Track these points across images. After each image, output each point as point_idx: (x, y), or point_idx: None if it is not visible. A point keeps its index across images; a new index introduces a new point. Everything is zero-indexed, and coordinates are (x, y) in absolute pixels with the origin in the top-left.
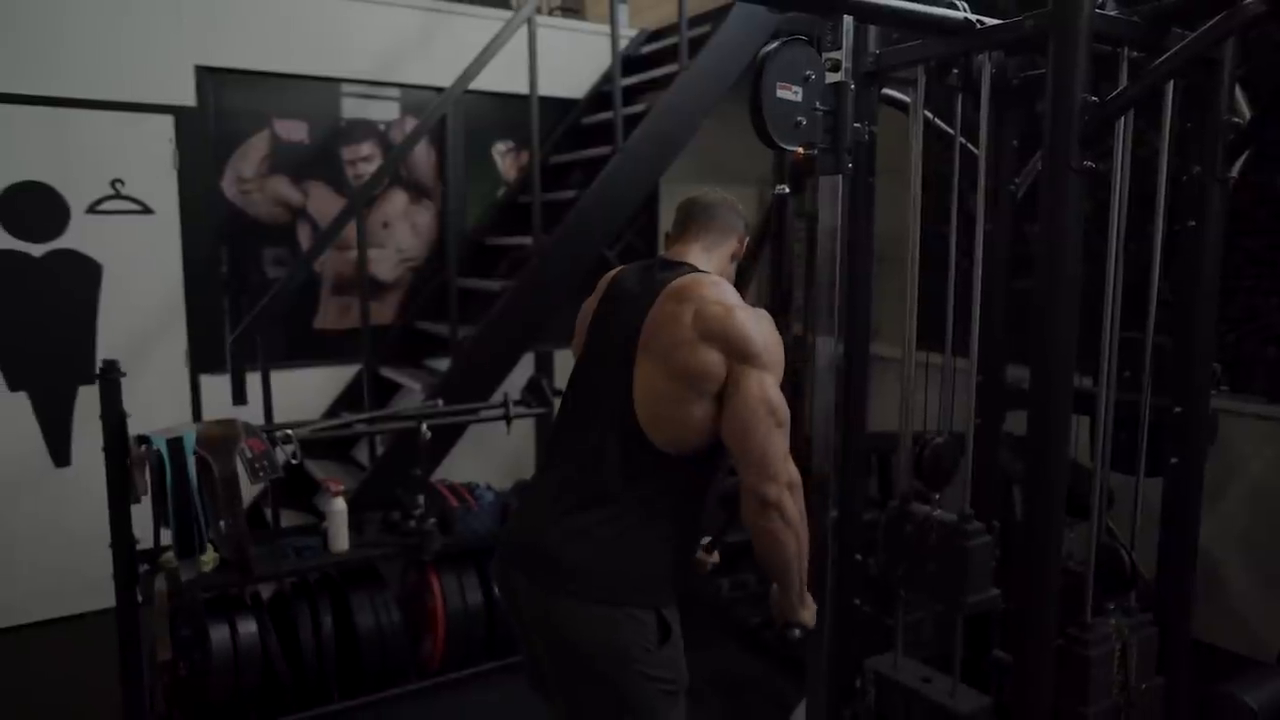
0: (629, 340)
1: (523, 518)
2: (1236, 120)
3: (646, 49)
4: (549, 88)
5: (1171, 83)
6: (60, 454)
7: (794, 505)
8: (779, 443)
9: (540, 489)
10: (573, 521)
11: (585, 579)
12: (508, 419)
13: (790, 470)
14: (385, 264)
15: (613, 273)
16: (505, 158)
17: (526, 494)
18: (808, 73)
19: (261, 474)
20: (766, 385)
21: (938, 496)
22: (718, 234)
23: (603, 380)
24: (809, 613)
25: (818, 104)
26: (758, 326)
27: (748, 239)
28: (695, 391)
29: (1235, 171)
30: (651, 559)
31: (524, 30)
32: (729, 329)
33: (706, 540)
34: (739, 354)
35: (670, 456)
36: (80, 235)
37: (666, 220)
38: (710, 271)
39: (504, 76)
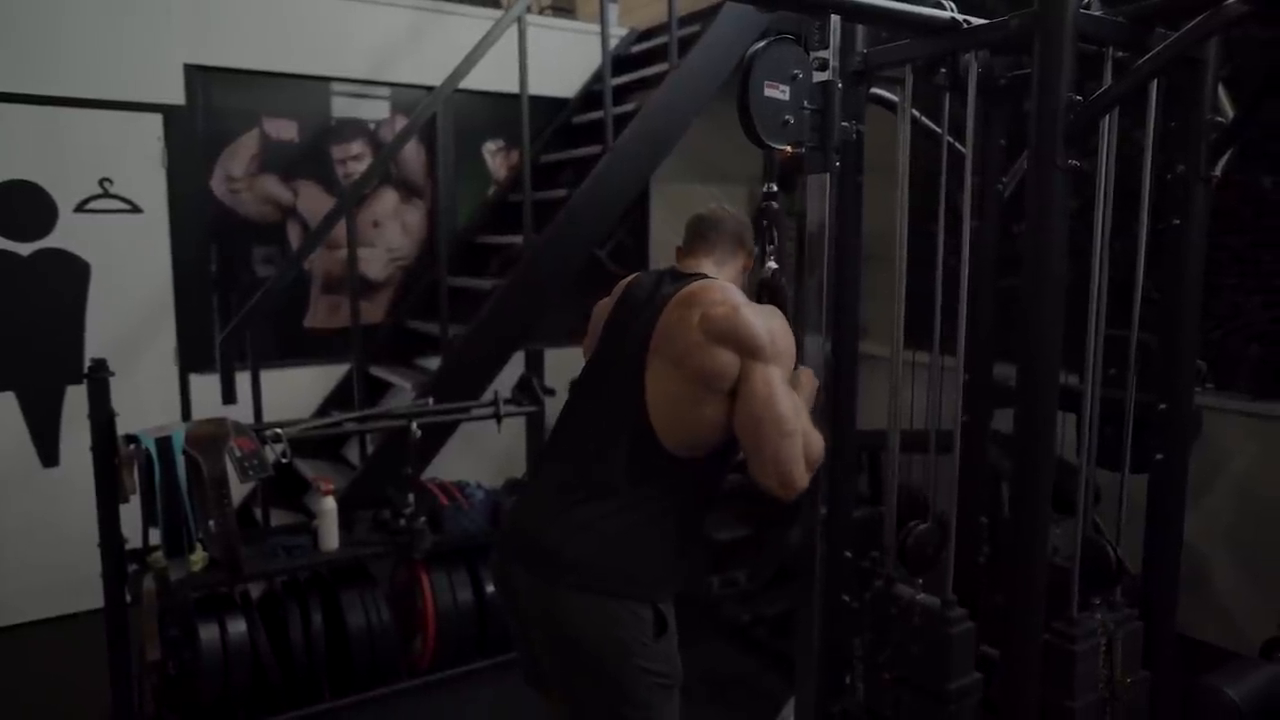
0: (640, 346)
1: (523, 512)
2: (1220, 119)
3: (637, 48)
4: (539, 87)
5: (1155, 82)
6: (48, 454)
7: (808, 478)
8: (789, 450)
9: (541, 484)
10: (575, 516)
11: (585, 572)
12: (498, 417)
13: (813, 452)
14: (375, 263)
15: (629, 279)
16: (496, 157)
17: (526, 489)
18: (795, 71)
19: (251, 473)
20: (772, 378)
21: (920, 581)
22: (727, 249)
23: (613, 383)
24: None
25: (805, 103)
26: (763, 321)
27: (757, 251)
28: (710, 391)
29: (1219, 170)
30: (652, 555)
31: (514, 29)
32: (737, 326)
33: None
34: (747, 349)
35: (679, 459)
36: (68, 234)
37: (657, 219)
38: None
39: (494, 75)
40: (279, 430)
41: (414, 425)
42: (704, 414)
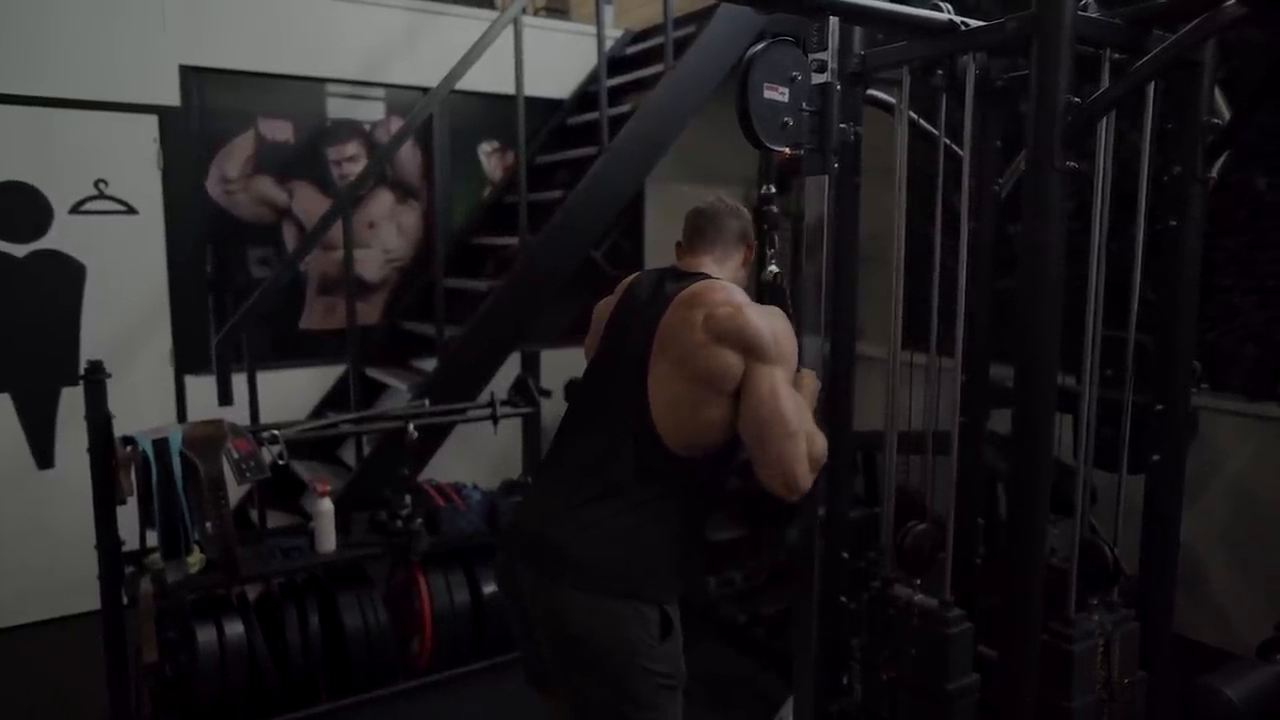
0: (643, 347)
1: (528, 512)
2: (1216, 121)
3: (632, 50)
4: (535, 88)
5: (1153, 84)
6: (44, 456)
7: (812, 478)
8: (793, 450)
9: (546, 485)
10: (581, 516)
11: (592, 572)
12: (495, 419)
13: (818, 450)
14: (371, 264)
15: (630, 278)
16: (491, 158)
17: (530, 489)
18: (794, 73)
19: (248, 475)
20: (776, 381)
21: (919, 582)
22: (727, 244)
23: (616, 384)
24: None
25: (804, 104)
26: (767, 322)
27: (755, 243)
28: (714, 391)
29: (1215, 172)
30: (658, 555)
31: (510, 30)
32: (741, 327)
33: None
34: (751, 351)
35: (683, 459)
36: (63, 236)
37: (653, 220)
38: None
39: (490, 76)
40: (276, 432)
41: (410, 427)
42: (707, 415)
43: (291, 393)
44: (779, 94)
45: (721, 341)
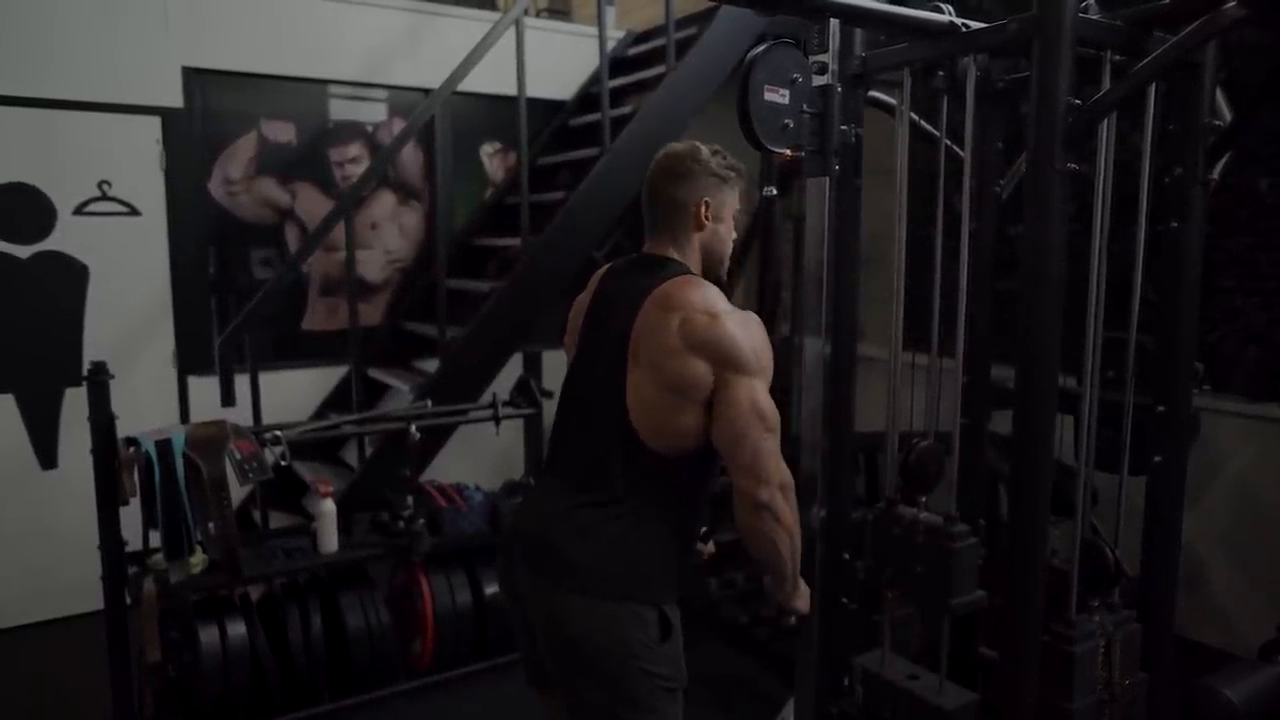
0: (620, 346)
1: (528, 515)
2: (1217, 123)
3: (634, 50)
4: (537, 89)
5: (1154, 85)
6: (47, 456)
7: (786, 506)
8: (769, 447)
9: (545, 487)
10: (578, 519)
11: (590, 574)
12: (496, 419)
13: (782, 471)
14: (373, 265)
15: (602, 270)
16: (493, 159)
17: (531, 492)
18: (794, 75)
19: (251, 475)
20: (755, 392)
21: (924, 499)
22: (676, 218)
23: (598, 384)
24: (803, 600)
25: (804, 106)
26: (745, 333)
27: (723, 194)
28: (687, 399)
29: (1216, 173)
30: (654, 556)
31: (511, 31)
32: (719, 338)
33: (703, 530)
34: (728, 362)
35: (669, 458)
36: (67, 237)
37: None
38: (688, 261)
39: (491, 78)
40: (278, 433)
41: (412, 427)
42: (683, 421)
43: (294, 394)
44: (780, 96)
45: (696, 351)
